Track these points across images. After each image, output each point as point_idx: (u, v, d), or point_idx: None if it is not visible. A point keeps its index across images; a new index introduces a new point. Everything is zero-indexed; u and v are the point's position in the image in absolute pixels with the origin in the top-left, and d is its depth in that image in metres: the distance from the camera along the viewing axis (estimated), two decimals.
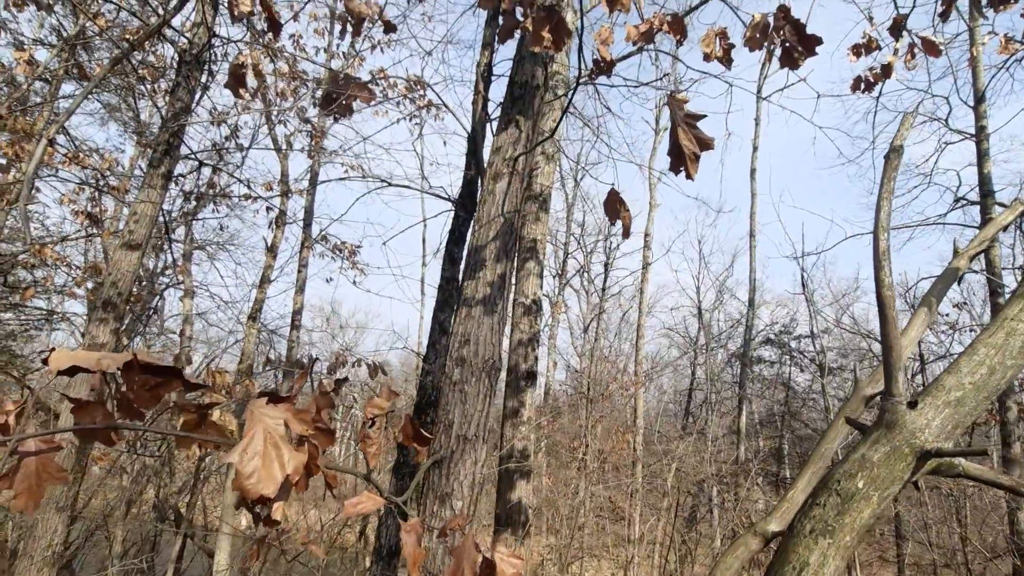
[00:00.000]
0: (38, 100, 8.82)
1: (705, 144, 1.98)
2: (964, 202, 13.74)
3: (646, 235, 14.21)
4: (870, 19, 4.07)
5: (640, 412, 13.91)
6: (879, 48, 4.00)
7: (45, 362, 1.19)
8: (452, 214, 3.94)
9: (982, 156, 11.71)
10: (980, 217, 12.38)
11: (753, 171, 14.81)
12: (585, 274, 19.02)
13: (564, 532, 11.06)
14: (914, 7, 3.54)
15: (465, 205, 3.86)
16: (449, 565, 1.48)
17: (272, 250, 11.07)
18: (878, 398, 2.22)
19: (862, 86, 4.09)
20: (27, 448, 1.18)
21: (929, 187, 14.77)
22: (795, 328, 18.67)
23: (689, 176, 1.95)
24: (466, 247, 3.24)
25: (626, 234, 2.25)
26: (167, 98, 6.47)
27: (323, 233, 8.73)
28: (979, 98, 11.59)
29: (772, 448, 16.90)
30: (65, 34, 8.71)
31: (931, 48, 3.31)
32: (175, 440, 1.27)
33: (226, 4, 3.14)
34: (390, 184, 4.30)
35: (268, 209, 7.85)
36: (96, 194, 7.87)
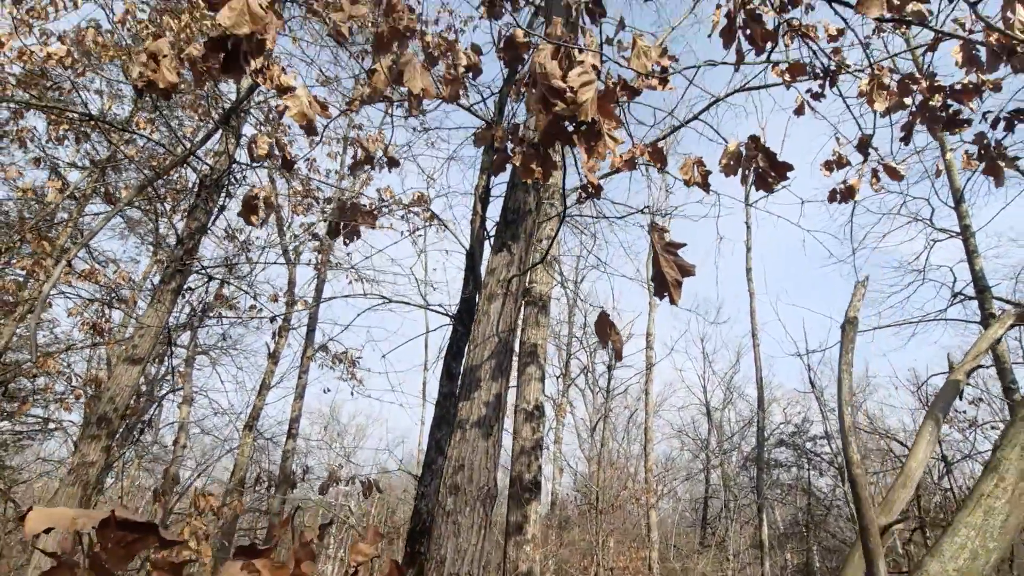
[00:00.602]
0: (64, 216, 9.34)
1: (686, 271, 2.06)
2: (962, 297, 13.87)
3: (648, 335, 14.24)
4: (837, 139, 4.41)
5: (654, 524, 13.04)
6: (849, 164, 4.29)
7: (21, 520, 1.17)
8: (451, 328, 4.01)
9: (971, 253, 12.02)
10: (980, 312, 12.43)
11: (748, 271, 15.16)
12: (589, 374, 18.79)
13: None
14: (875, 131, 3.85)
15: (463, 320, 3.93)
16: None
17: (274, 357, 11.10)
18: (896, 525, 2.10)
19: (838, 198, 4.33)
20: None
21: (924, 283, 15.00)
22: (809, 428, 18.03)
23: (673, 302, 2.01)
24: (462, 366, 3.26)
25: (618, 357, 2.27)
26: (185, 218, 6.87)
27: (324, 344, 8.80)
28: (958, 199, 12.11)
29: (800, 563, 15.59)
30: (97, 157, 9.43)
31: (893, 173, 3.56)
32: None
33: (246, 149, 3.44)
34: (391, 301, 4.42)
35: (272, 319, 7.98)
36: (103, 309, 8.08)
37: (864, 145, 4.12)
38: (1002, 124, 3.15)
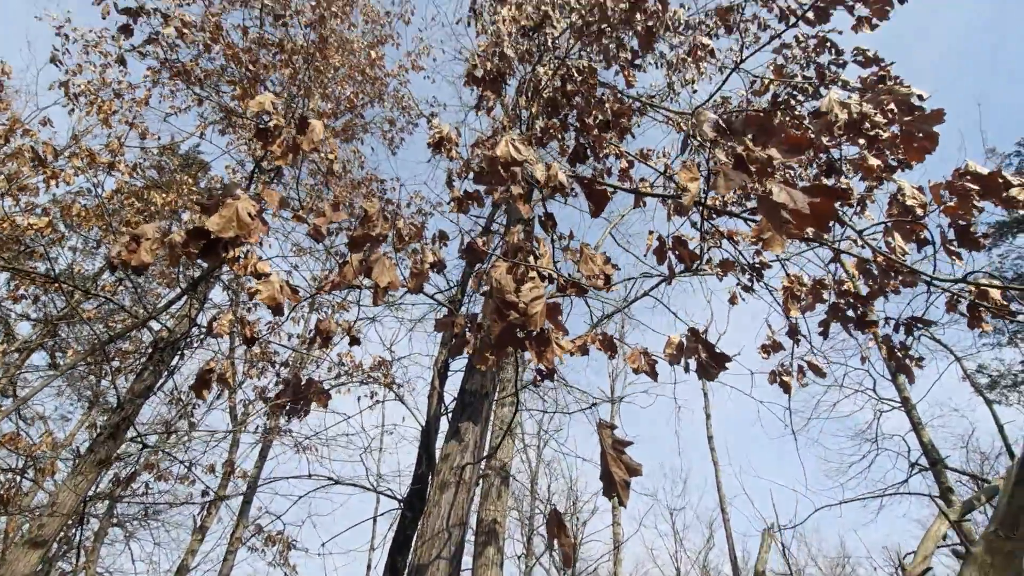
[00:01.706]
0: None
1: (634, 471, 2.10)
2: (919, 467, 14.02)
3: (614, 509, 13.47)
4: (770, 327, 4.83)
5: None
6: (783, 348, 4.64)
7: None
8: (399, 515, 3.75)
9: (916, 425, 12.46)
10: (937, 484, 12.50)
11: (710, 439, 15.11)
12: (553, 552, 17.19)
13: None
14: (802, 320, 4.28)
15: (412, 505, 3.71)
16: None
17: (201, 532, 9.86)
18: None
19: (777, 380, 4.61)
20: None
21: (881, 452, 15.24)
22: None
23: (622, 503, 2.01)
24: (409, 561, 3.01)
25: (567, 562, 2.17)
26: (132, 380, 6.59)
27: (258, 522, 7.96)
28: (893, 373, 12.91)
29: None
30: (53, 311, 9.26)
31: (816, 371, 3.90)
32: None
33: (206, 326, 3.51)
34: (338, 482, 4.16)
35: (203, 493, 7.27)
36: (16, 480, 7.25)
37: (793, 333, 4.52)
38: (903, 328, 3.56)
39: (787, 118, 4.45)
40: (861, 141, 3.44)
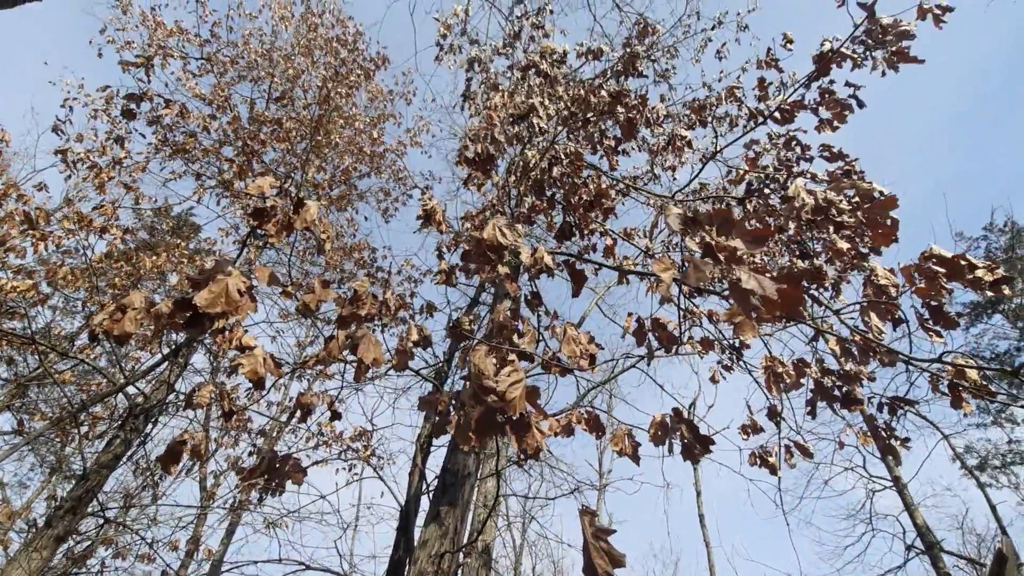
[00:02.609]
0: None
1: (617, 561, 2.04)
2: (915, 551, 13.58)
3: None
4: (749, 408, 4.85)
5: None
6: (763, 430, 4.63)
7: None
8: None
9: (908, 506, 12.23)
10: (934, 569, 12.08)
11: (701, 516, 14.59)
12: None
13: None
14: (785, 400, 4.30)
15: None
16: None
17: None
18: None
19: (758, 462, 4.57)
20: None
21: (876, 534, 14.79)
22: None
23: None
24: None
25: None
26: (97, 447, 6.33)
27: None
28: (882, 451, 12.80)
29: None
30: (23, 371, 8.97)
31: (804, 452, 3.89)
32: None
33: (185, 400, 3.45)
34: (309, 567, 3.93)
35: (163, 574, 6.75)
36: None
37: (773, 414, 4.54)
38: (886, 408, 3.60)
39: (760, 203, 4.69)
40: (830, 228, 3.63)
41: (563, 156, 5.23)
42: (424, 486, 4.33)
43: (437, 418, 3.15)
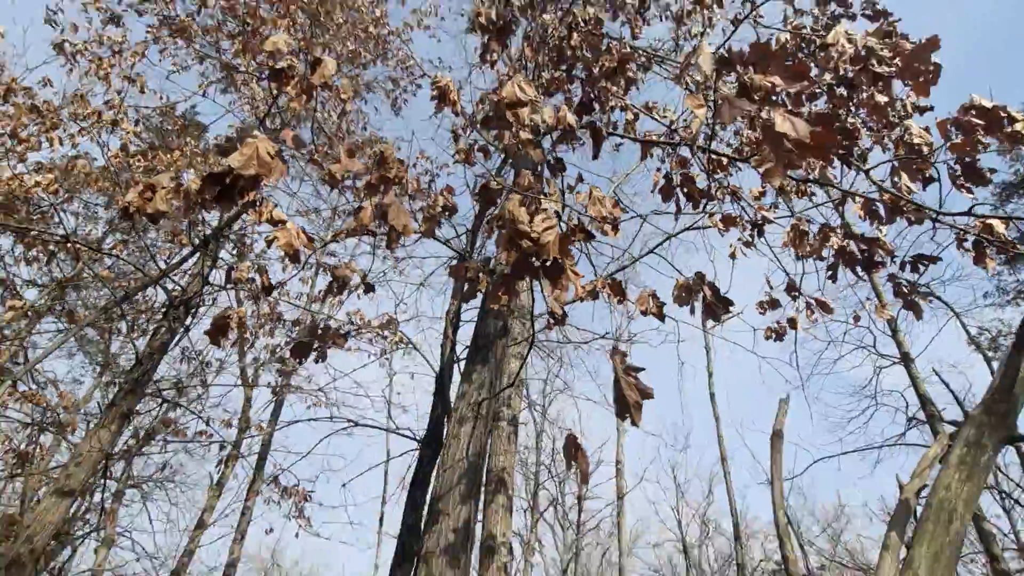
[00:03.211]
0: (8, 336, 8.97)
1: (646, 394, 2.20)
2: (916, 421, 14.34)
3: (617, 463, 13.88)
4: (768, 282, 4.89)
5: None
6: (780, 305, 4.73)
7: None
8: (417, 455, 3.92)
9: (914, 379, 12.70)
10: (933, 436, 12.81)
11: (712, 395, 15.41)
12: (559, 506, 17.80)
13: None
14: (803, 274, 4.34)
15: (430, 445, 3.87)
16: None
17: (219, 487, 10.21)
18: None
19: (773, 336, 4.73)
20: None
21: (879, 408, 15.56)
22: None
23: (635, 423, 2.12)
24: (430, 492, 3.17)
25: (583, 480, 2.30)
26: (148, 337, 6.74)
27: (276, 475, 8.23)
28: (893, 329, 13.06)
29: None
30: (59, 275, 9.36)
31: (824, 307, 3.98)
32: None
33: (225, 274, 3.59)
34: (357, 424, 4.32)
35: (221, 447, 7.50)
36: (36, 434, 7.48)
37: (791, 288, 4.60)
38: (908, 266, 3.63)
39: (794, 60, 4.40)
40: (867, 79, 3.42)
41: (582, 23, 4.88)
42: (455, 357, 4.60)
43: (467, 285, 3.27)
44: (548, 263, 2.03)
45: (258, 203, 3.05)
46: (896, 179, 3.30)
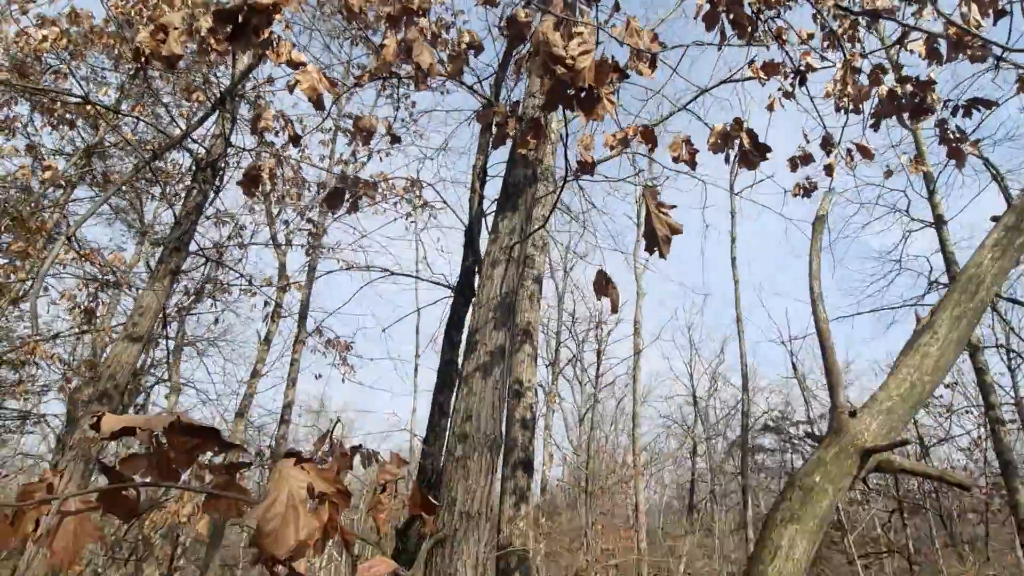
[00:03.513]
0: (48, 204, 9.28)
1: (675, 230, 2.25)
2: (938, 285, 14.37)
3: (635, 322, 14.51)
4: (805, 136, 4.63)
5: (641, 508, 13.35)
6: (814, 160, 4.52)
7: (95, 427, 1.31)
8: (451, 301, 4.16)
9: (944, 242, 12.46)
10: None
11: (733, 260, 15.50)
12: (578, 363, 19.06)
13: None
14: (843, 130, 4.07)
15: (463, 292, 4.09)
16: None
17: (267, 341, 11.14)
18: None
19: (802, 192, 4.59)
20: (68, 508, 1.26)
21: (902, 272, 15.52)
22: (792, 414, 18.52)
23: (662, 255, 2.19)
24: (465, 328, 3.42)
25: (614, 309, 2.45)
26: (181, 200, 6.91)
27: (318, 327, 8.87)
28: (931, 190, 12.53)
29: None
30: (81, 144, 9.38)
31: (865, 152, 3.79)
32: (205, 502, 1.36)
33: (251, 121, 3.55)
34: (392, 273, 4.55)
35: (265, 303, 8.04)
36: (96, 291, 8.07)
37: (827, 143, 4.36)
38: (961, 112, 3.38)
39: None
40: None
41: None
42: (482, 210, 4.66)
43: (495, 131, 3.20)
44: (583, 92, 1.96)
45: (274, 43, 2.91)
46: (965, 10, 2.96)
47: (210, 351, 14.43)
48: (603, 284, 2.41)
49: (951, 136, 3.83)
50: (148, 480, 1.30)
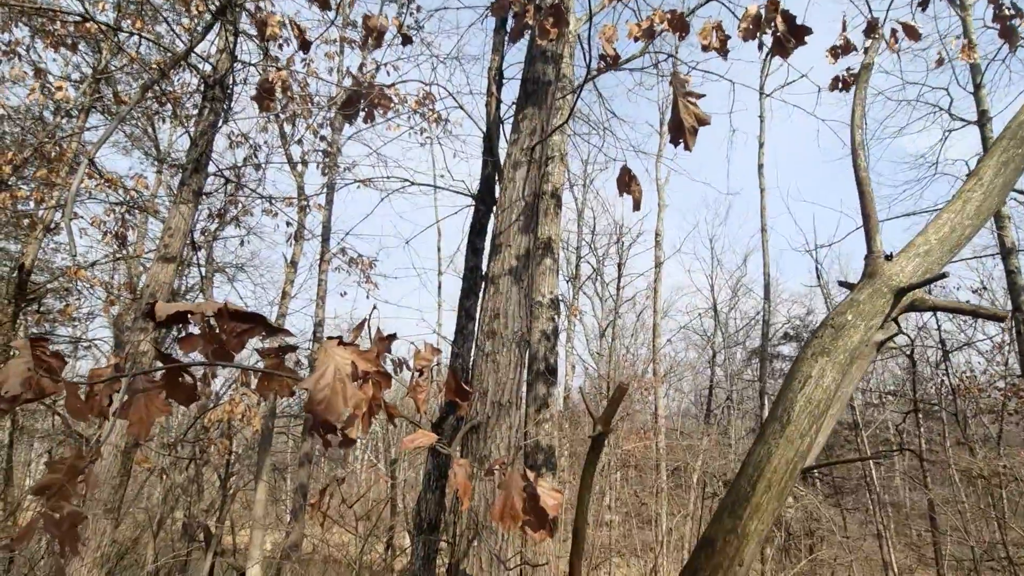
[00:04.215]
0: (64, 134, 9.27)
1: (702, 120, 2.16)
2: None
3: (657, 234, 14.35)
4: (844, 23, 4.24)
5: (661, 412, 13.93)
6: (855, 50, 4.17)
7: (150, 314, 1.40)
8: (472, 208, 4.15)
9: (986, 140, 11.73)
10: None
11: (760, 167, 14.92)
12: (599, 278, 19.16)
13: (590, 532, 11.06)
14: (889, 8, 3.69)
15: (484, 199, 4.07)
16: (499, 496, 1.65)
17: (293, 263, 11.40)
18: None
19: (840, 85, 4.28)
20: (137, 386, 1.39)
21: (938, 177, 14.78)
22: (813, 322, 18.57)
23: (687, 147, 2.13)
24: (489, 231, 3.44)
25: (636, 207, 2.43)
26: (194, 120, 6.82)
27: (342, 247, 9.00)
28: (977, 85, 11.64)
29: None
30: (87, 70, 9.19)
31: (911, 32, 3.47)
32: (259, 379, 1.47)
33: (256, 27, 3.41)
34: (412, 183, 4.52)
35: (288, 224, 8.13)
36: (124, 216, 8.24)
37: (871, 28, 4.00)
38: None
39: None
40: None
41: None
42: (500, 115, 4.52)
43: (513, 21, 3.02)
44: None
45: None
46: None
47: (240, 276, 14.86)
48: (626, 180, 2.37)
49: (1006, 12, 3.50)
50: (205, 361, 1.41)
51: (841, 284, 1.55)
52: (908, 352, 14.12)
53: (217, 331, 1.39)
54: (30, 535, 1.16)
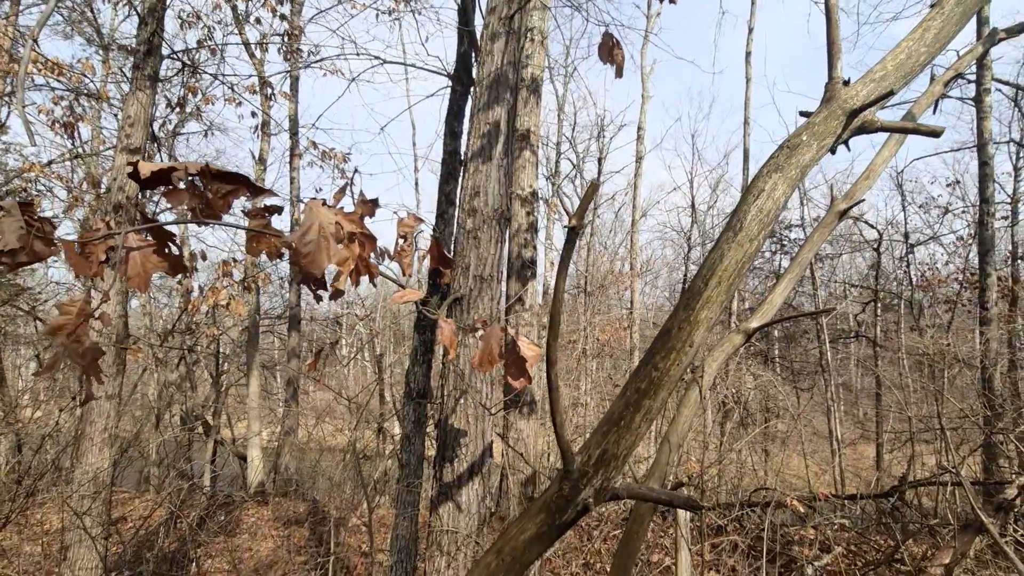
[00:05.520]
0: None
1: None
2: (964, 79, 13.46)
3: (639, 128, 14.00)
4: None
5: (636, 303, 14.49)
6: None
7: (134, 175, 1.40)
8: (449, 90, 4.00)
9: (982, 24, 11.33)
10: (975, 88, 12.22)
11: (748, 54, 14.30)
12: (579, 176, 18.91)
13: (568, 414, 11.93)
14: None
15: (461, 79, 3.90)
16: (480, 347, 1.80)
17: (262, 160, 10.97)
18: (852, 209, 2.48)
19: None
20: (130, 244, 1.43)
21: (932, 67, 14.37)
22: (787, 218, 18.88)
23: None
24: (467, 110, 3.36)
25: (618, 73, 2.38)
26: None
27: (312, 137, 8.62)
28: None
29: (764, 334, 17.73)
30: None
31: None
32: (247, 238, 1.52)
33: None
34: (384, 61, 4.25)
35: (253, 115, 7.68)
36: (72, 105, 7.67)
37: None
38: None
39: None
40: None
41: None
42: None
43: None
44: None
45: None
46: None
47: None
48: (609, 46, 2.30)
49: None
50: (194, 219, 1.45)
51: (801, 114, 1.60)
52: (875, 246, 14.64)
53: (202, 190, 1.41)
54: (56, 366, 1.26)
